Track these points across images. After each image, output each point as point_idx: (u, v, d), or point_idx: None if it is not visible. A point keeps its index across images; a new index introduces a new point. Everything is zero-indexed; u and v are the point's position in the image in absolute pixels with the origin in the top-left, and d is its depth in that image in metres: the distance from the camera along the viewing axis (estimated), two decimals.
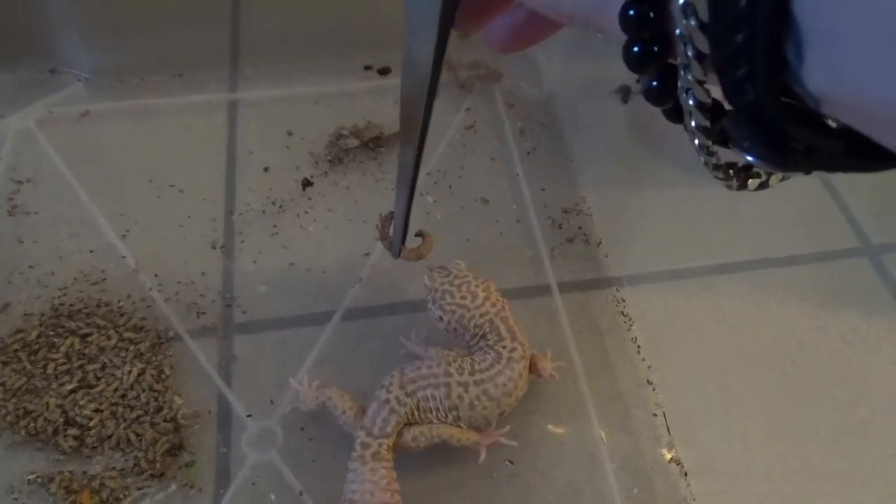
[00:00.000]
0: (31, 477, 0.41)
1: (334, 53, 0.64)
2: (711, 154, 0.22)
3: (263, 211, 0.55)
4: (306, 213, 0.55)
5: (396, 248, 0.44)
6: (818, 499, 0.44)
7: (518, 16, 0.28)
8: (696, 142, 0.22)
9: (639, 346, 0.49)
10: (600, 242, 0.55)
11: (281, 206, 0.55)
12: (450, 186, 0.57)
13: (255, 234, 0.53)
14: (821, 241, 0.57)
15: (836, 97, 0.17)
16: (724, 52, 0.18)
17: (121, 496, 0.41)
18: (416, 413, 0.41)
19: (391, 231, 0.44)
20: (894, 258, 0.56)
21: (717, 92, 0.20)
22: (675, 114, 0.22)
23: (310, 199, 0.56)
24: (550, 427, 0.46)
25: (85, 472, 0.42)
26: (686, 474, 0.44)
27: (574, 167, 0.59)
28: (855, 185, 0.60)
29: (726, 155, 0.22)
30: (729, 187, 0.23)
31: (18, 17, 0.59)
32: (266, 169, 0.57)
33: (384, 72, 0.64)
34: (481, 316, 0.43)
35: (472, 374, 0.41)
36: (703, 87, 0.20)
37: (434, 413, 0.41)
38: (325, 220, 0.55)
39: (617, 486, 0.44)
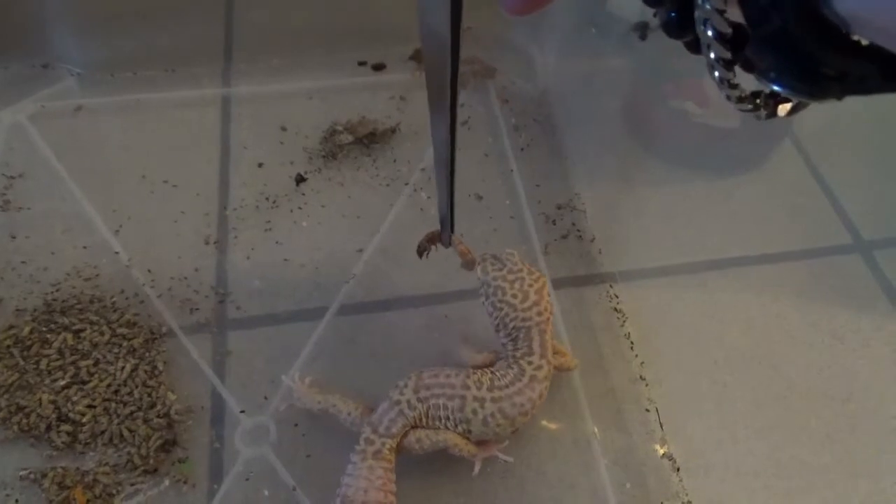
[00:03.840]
0: (23, 473, 0.41)
1: (328, 49, 0.64)
2: (734, 87, 0.21)
3: (257, 206, 0.55)
4: (300, 208, 0.55)
5: (447, 235, 0.43)
6: (809, 493, 0.44)
7: None
8: (717, 74, 0.21)
9: (632, 343, 0.49)
10: (594, 238, 0.55)
11: (275, 202, 0.55)
12: None
13: (249, 229, 0.53)
14: (813, 237, 0.57)
15: (868, 17, 0.16)
16: None
17: (114, 492, 0.41)
18: (424, 419, 0.40)
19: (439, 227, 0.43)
20: (886, 254, 0.56)
21: (737, 14, 0.19)
22: (696, 46, 0.21)
23: (304, 194, 0.56)
24: (544, 423, 0.46)
25: (78, 468, 0.42)
26: (678, 469, 0.44)
27: (568, 163, 0.59)
28: (847, 182, 0.60)
29: (749, 83, 0.21)
30: (758, 118, 0.22)
31: (10, 12, 0.58)
32: (260, 164, 0.57)
33: (378, 67, 0.64)
34: (523, 320, 0.42)
35: (490, 389, 0.40)
36: (722, 16, 0.19)
37: (443, 422, 0.40)
38: (318, 216, 0.54)
39: (610, 481, 0.44)
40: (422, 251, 0.46)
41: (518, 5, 0.26)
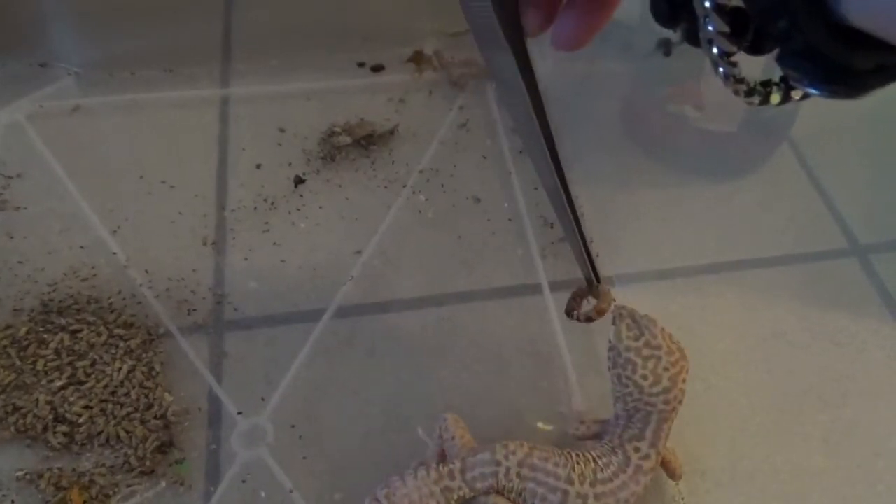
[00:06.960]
0: (19, 474, 0.41)
1: (327, 50, 0.64)
2: (751, 94, 0.21)
3: (255, 208, 0.55)
4: (298, 210, 0.55)
5: (597, 289, 0.39)
6: (805, 498, 0.44)
7: (579, 3, 0.26)
8: (731, 90, 0.21)
9: None
10: (591, 241, 0.55)
11: (273, 203, 0.55)
12: (442, 185, 0.57)
13: (247, 230, 0.53)
14: (809, 241, 0.57)
15: (876, 29, 0.17)
16: (759, 8, 0.18)
17: (110, 493, 0.41)
18: (515, 496, 0.38)
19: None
20: (882, 259, 0.56)
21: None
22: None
23: (302, 196, 0.56)
24: (540, 425, 0.46)
25: (74, 469, 0.42)
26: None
27: (566, 166, 0.59)
28: (843, 186, 0.60)
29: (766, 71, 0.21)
30: (767, 106, 0.22)
31: (8, 11, 0.58)
32: (258, 165, 0.57)
33: (377, 69, 0.64)
34: (646, 404, 0.38)
35: (592, 484, 0.37)
36: (725, 37, 0.19)
37: None
38: (316, 218, 0.54)
39: None
40: (572, 312, 0.42)
41: (570, 44, 0.27)
